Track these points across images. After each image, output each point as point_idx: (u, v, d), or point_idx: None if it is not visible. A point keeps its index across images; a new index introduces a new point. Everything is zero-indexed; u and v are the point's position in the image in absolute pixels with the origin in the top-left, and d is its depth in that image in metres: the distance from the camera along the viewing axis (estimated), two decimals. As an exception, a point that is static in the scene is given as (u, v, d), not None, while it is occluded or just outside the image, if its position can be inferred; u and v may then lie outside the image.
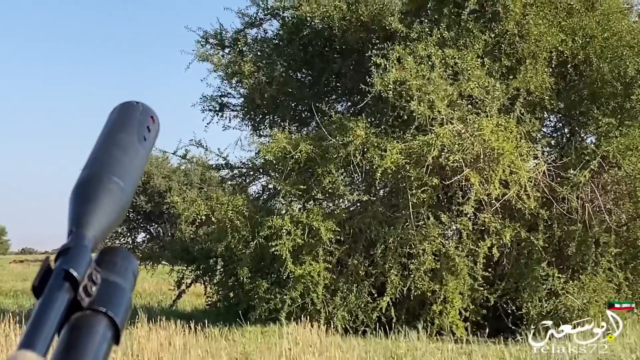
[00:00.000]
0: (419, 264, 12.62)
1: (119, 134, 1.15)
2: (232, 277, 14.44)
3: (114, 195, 1.05)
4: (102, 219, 1.01)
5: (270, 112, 16.18)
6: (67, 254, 0.95)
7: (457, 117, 12.52)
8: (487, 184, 12.20)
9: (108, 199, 1.03)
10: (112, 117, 1.20)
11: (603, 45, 13.56)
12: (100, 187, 1.04)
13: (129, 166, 1.11)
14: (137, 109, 1.22)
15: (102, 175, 1.06)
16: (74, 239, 0.98)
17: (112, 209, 1.04)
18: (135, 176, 1.13)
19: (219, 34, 15.88)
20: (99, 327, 0.91)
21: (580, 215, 13.16)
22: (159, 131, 1.24)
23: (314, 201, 13.98)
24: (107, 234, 1.04)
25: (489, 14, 13.32)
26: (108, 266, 1.01)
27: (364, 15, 14.14)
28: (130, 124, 1.19)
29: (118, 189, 1.06)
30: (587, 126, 14.12)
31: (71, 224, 1.00)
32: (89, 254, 0.98)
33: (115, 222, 1.05)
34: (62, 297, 0.90)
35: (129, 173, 1.10)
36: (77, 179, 1.06)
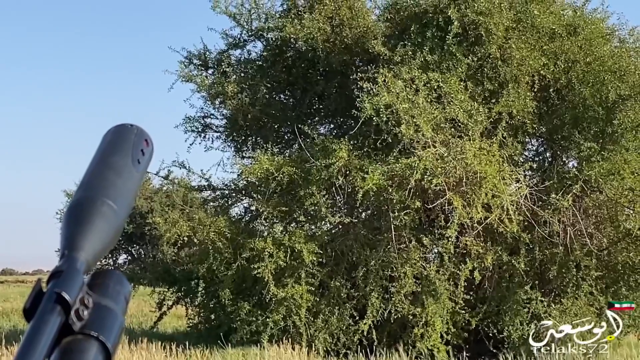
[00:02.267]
0: (400, 287, 12.61)
1: (113, 157, 1.15)
2: (214, 299, 14.38)
3: (107, 219, 1.04)
4: (95, 242, 1.00)
5: (253, 133, 16.17)
6: (60, 277, 0.94)
7: (440, 141, 12.54)
8: (469, 207, 12.21)
9: (101, 222, 1.02)
10: (106, 139, 1.19)
11: (585, 70, 13.64)
12: (94, 210, 1.03)
13: (123, 189, 1.11)
14: (131, 131, 1.21)
15: (95, 198, 1.05)
16: (66, 262, 0.96)
17: (105, 232, 1.02)
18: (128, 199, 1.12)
19: (203, 55, 15.88)
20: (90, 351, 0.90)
21: (561, 238, 13.20)
22: (152, 154, 1.22)
23: (296, 223, 13.97)
24: (100, 257, 1.03)
25: (472, 37, 13.39)
26: (100, 290, 0.99)
27: (348, 38, 14.20)
28: (125, 146, 1.17)
29: (111, 212, 1.05)
30: (569, 150, 14.20)
31: (64, 247, 0.99)
32: (82, 277, 0.97)
33: (108, 245, 1.04)
34: (54, 320, 0.89)
35: (122, 196, 1.09)
36: (70, 201, 1.06)
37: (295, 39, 14.64)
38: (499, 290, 13.36)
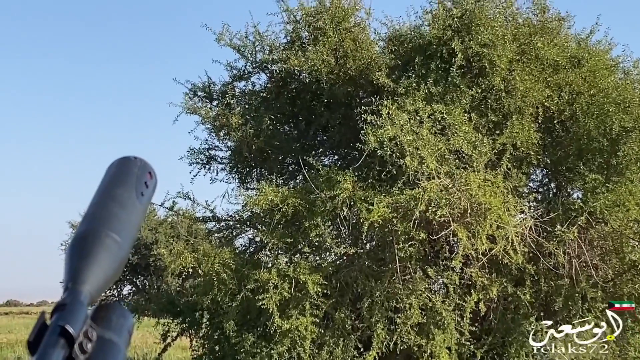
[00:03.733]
0: (406, 318, 12.57)
1: (116, 189, 1.16)
2: (218, 331, 14.33)
3: (111, 251, 1.05)
4: (98, 274, 1.02)
5: (258, 164, 16.19)
6: (63, 310, 0.95)
7: (444, 172, 12.54)
8: (474, 238, 12.18)
9: (105, 254, 1.04)
10: (110, 172, 1.21)
11: (589, 102, 13.66)
12: (97, 242, 1.05)
13: (126, 222, 1.12)
14: (135, 164, 1.23)
15: (99, 231, 1.06)
16: (70, 295, 0.98)
17: (108, 264, 1.04)
18: (132, 232, 1.14)
19: (207, 87, 15.93)
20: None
21: (567, 270, 13.16)
22: (156, 187, 1.25)
23: (301, 254, 13.95)
24: (103, 290, 1.05)
25: (476, 69, 13.43)
26: (103, 323, 1.01)
27: (352, 70, 14.25)
28: (128, 179, 1.19)
29: (115, 245, 1.06)
30: (573, 182, 14.18)
31: (67, 280, 1.01)
32: (85, 310, 0.98)
33: (112, 278, 1.06)
34: (58, 353, 0.91)
35: (126, 229, 1.11)
36: (74, 234, 1.08)
37: (299, 71, 14.70)
38: (504, 322, 13.32)
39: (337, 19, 14.47)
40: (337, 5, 14.53)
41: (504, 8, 14.13)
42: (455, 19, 13.48)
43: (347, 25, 14.53)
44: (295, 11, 14.90)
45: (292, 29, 15.13)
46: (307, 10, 14.72)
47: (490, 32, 13.14)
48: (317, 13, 14.62)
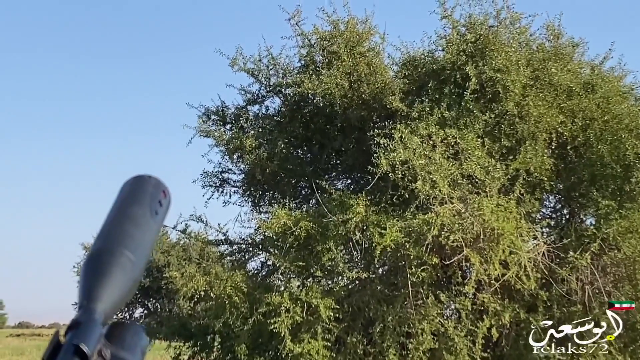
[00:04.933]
0: (418, 343, 12.50)
1: (131, 208, 1.17)
2: (230, 354, 14.31)
3: (126, 270, 1.06)
4: (113, 293, 1.03)
5: (271, 188, 16.20)
6: (78, 328, 0.95)
7: (457, 197, 12.52)
8: (486, 264, 12.14)
9: (119, 273, 1.05)
10: (124, 190, 1.22)
11: (602, 128, 13.64)
12: (112, 261, 1.05)
13: (141, 240, 1.13)
14: (149, 182, 1.24)
15: (114, 250, 1.07)
16: (84, 313, 0.99)
17: (123, 283, 1.05)
18: (146, 250, 1.15)
19: (221, 111, 15.97)
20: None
21: (579, 296, 13.10)
22: (170, 205, 1.26)
23: (313, 278, 13.94)
24: (118, 308, 1.05)
25: (489, 94, 13.42)
26: (118, 342, 1.01)
27: (365, 94, 14.27)
28: (143, 198, 1.20)
29: (129, 263, 1.07)
30: (586, 208, 14.13)
31: (82, 298, 1.01)
32: (100, 329, 0.99)
33: (126, 296, 1.07)
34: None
35: (140, 247, 1.12)
36: (89, 252, 1.08)
37: (313, 95, 14.72)
38: (517, 348, 13.24)
39: (352, 44, 14.51)
40: (351, 30, 14.57)
41: (518, 34, 14.14)
42: (469, 44, 13.51)
43: (361, 49, 14.56)
44: (310, 35, 14.96)
45: (307, 52, 15.17)
46: (321, 35, 14.76)
47: (504, 58, 13.15)
48: (331, 37, 14.67)
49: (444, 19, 14.09)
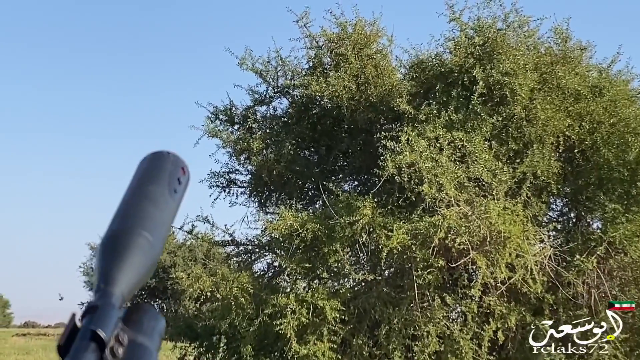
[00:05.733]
0: (424, 346, 12.50)
1: (149, 186, 1.15)
2: (235, 355, 14.30)
3: (143, 251, 1.04)
4: (130, 275, 1.01)
5: (278, 189, 16.20)
6: (95, 312, 0.95)
7: (464, 200, 12.51)
8: (493, 267, 12.13)
9: (137, 254, 1.03)
10: (142, 167, 1.19)
11: (610, 132, 13.62)
12: (130, 242, 1.03)
13: (159, 220, 1.11)
14: (167, 159, 1.21)
15: (131, 230, 1.05)
16: (101, 297, 0.98)
17: (141, 264, 1.03)
18: (164, 230, 1.12)
19: (229, 110, 15.98)
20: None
21: (586, 300, 13.08)
22: (189, 182, 1.23)
23: (319, 280, 13.92)
24: (135, 290, 1.04)
25: (497, 97, 13.41)
26: (135, 326, 1.00)
27: (373, 96, 14.27)
28: (161, 175, 1.18)
29: (147, 244, 1.05)
30: (593, 211, 14.11)
31: (99, 280, 1.00)
32: (117, 313, 0.97)
33: (144, 278, 1.05)
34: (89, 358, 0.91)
35: (158, 227, 1.10)
36: (105, 233, 1.06)
37: (321, 97, 14.72)
38: (522, 351, 13.22)
39: (359, 46, 14.52)
40: (359, 32, 14.57)
41: (526, 37, 14.13)
42: (477, 47, 13.50)
43: (369, 51, 14.56)
44: (318, 37, 14.96)
45: (315, 54, 15.18)
46: (329, 37, 14.77)
47: (511, 61, 13.14)
48: (339, 39, 14.67)
49: (452, 21, 14.09)
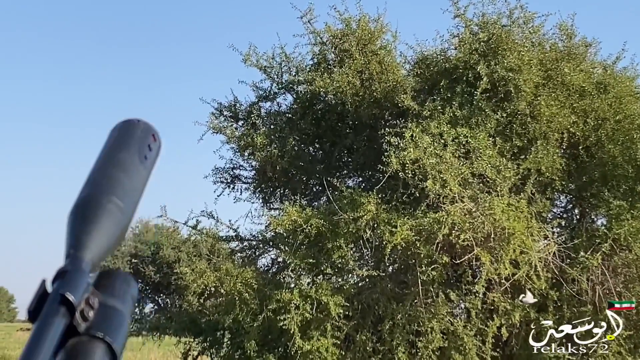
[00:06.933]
0: (427, 342, 12.49)
1: (119, 154, 1.15)
2: (239, 350, 14.29)
3: (113, 217, 1.04)
4: (101, 241, 1.01)
5: (282, 185, 16.20)
6: (64, 277, 0.95)
7: (468, 196, 12.50)
8: (497, 263, 12.13)
9: (107, 220, 1.03)
10: (112, 136, 1.19)
11: (615, 128, 13.60)
12: (99, 208, 1.03)
13: (130, 187, 1.11)
14: (137, 127, 1.21)
15: (101, 197, 1.05)
16: (71, 262, 0.97)
17: (111, 230, 1.03)
18: (135, 197, 1.12)
19: (233, 106, 15.97)
20: (96, 353, 0.92)
21: (590, 297, 13.06)
22: (160, 149, 1.23)
23: (323, 276, 13.91)
24: (106, 256, 1.03)
25: (501, 93, 13.40)
26: (107, 290, 1.00)
27: (377, 92, 14.25)
28: (131, 142, 1.18)
29: (117, 210, 1.05)
30: (598, 208, 14.08)
31: (69, 246, 0.99)
32: (87, 277, 0.97)
33: (114, 244, 1.04)
34: (58, 322, 0.91)
35: (129, 194, 1.10)
36: (76, 199, 1.06)
37: (325, 93, 14.71)
38: (526, 348, 13.21)
39: (364, 42, 14.51)
40: (363, 28, 14.56)
41: (531, 33, 14.12)
42: (481, 43, 13.50)
43: (373, 47, 14.55)
44: (322, 33, 14.95)
45: (319, 50, 15.17)
46: (333, 33, 14.76)
47: (516, 57, 13.14)
48: (343, 35, 14.66)
49: (456, 17, 14.09)
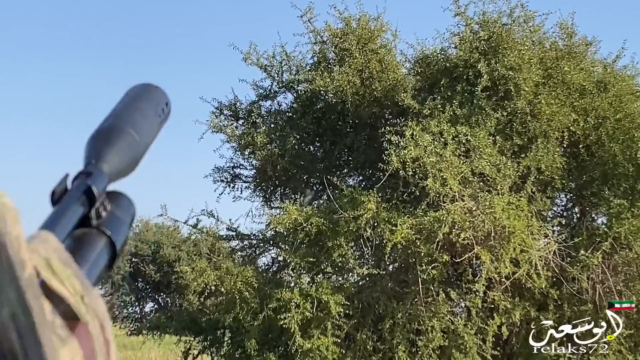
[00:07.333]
0: (427, 340, 12.50)
1: (140, 103, 1.23)
2: (240, 349, 14.30)
3: (131, 144, 1.12)
4: (119, 160, 1.08)
5: (282, 184, 16.20)
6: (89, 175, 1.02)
7: (468, 194, 12.50)
8: (497, 262, 12.13)
9: (126, 144, 1.11)
10: (133, 90, 1.27)
11: (615, 127, 13.60)
12: (121, 133, 1.11)
13: (146, 129, 1.19)
14: (157, 90, 1.30)
15: (122, 125, 1.13)
16: (94, 167, 1.04)
17: (128, 154, 1.11)
18: (148, 141, 1.20)
19: (233, 105, 15.97)
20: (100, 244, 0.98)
21: (590, 295, 13.06)
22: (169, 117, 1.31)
23: (324, 274, 13.91)
24: (118, 178, 1.10)
25: (501, 92, 13.40)
26: (114, 203, 1.07)
27: (377, 91, 14.24)
28: (151, 98, 1.27)
29: (134, 140, 1.13)
30: (598, 207, 14.08)
31: (90, 157, 1.06)
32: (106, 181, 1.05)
33: (127, 168, 1.12)
34: (78, 208, 0.97)
35: (145, 134, 1.18)
36: (97, 128, 1.13)
37: (325, 91, 14.71)
38: (527, 347, 13.21)
39: (364, 41, 14.50)
40: (363, 27, 14.55)
41: (531, 32, 14.11)
42: (482, 41, 13.50)
43: (373, 46, 14.54)
44: (322, 32, 14.94)
45: (319, 49, 15.16)
46: (333, 32, 14.74)
47: (516, 56, 13.14)
48: (343, 34, 14.65)
49: (457, 16, 14.08)
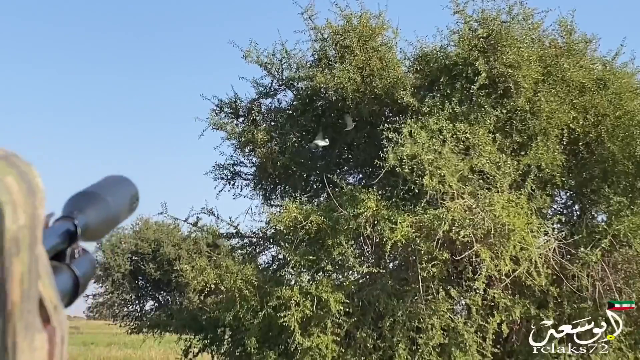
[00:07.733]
0: (427, 338, 12.50)
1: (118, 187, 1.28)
2: (240, 347, 14.32)
3: (107, 207, 1.18)
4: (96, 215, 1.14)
5: (282, 181, 16.21)
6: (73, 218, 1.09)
7: (468, 192, 12.50)
8: (497, 259, 12.13)
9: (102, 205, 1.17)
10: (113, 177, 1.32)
11: (614, 124, 13.60)
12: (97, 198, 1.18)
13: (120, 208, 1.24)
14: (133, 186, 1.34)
15: (99, 193, 1.19)
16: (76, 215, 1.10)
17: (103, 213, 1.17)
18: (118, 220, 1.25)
19: (234, 103, 15.98)
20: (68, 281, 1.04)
21: (590, 293, 13.06)
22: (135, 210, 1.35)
23: (324, 272, 13.91)
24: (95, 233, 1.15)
25: (501, 90, 13.39)
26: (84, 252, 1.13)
27: (377, 88, 14.23)
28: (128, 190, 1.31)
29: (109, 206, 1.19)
30: (598, 204, 14.09)
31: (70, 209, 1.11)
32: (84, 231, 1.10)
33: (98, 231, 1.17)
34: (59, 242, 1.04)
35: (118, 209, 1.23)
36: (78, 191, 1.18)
37: (326, 89, 14.69)
38: (527, 344, 13.22)
39: (364, 38, 14.50)
40: (364, 24, 14.55)
41: (531, 29, 14.11)
42: (481, 39, 13.49)
43: (374, 44, 14.54)
44: (323, 29, 14.93)
45: (319, 47, 15.16)
46: (334, 29, 14.74)
47: (516, 53, 13.13)
48: (344, 31, 14.65)
49: (456, 14, 14.07)
